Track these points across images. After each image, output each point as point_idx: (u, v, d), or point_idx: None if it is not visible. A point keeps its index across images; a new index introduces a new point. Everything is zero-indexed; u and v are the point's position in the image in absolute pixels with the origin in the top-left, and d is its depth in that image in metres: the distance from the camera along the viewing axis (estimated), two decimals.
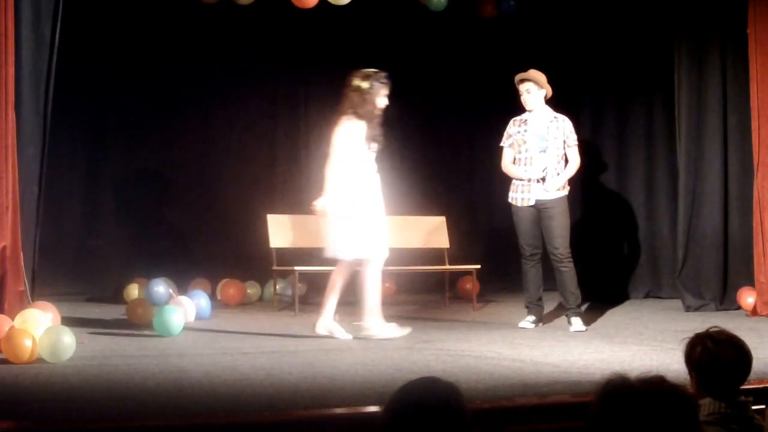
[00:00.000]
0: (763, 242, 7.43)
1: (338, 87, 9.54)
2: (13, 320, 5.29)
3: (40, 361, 4.99)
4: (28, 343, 4.97)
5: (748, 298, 7.56)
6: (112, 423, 3.78)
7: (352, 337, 6.11)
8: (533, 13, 9.19)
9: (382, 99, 6.24)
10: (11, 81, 5.75)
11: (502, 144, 7.01)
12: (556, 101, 7.01)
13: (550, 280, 7.02)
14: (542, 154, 6.81)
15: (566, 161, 6.86)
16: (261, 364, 5.03)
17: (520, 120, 6.94)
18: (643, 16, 8.67)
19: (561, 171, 6.82)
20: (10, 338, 5.01)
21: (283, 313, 7.75)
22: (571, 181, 7.00)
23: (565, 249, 6.73)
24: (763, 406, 3.74)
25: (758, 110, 7.47)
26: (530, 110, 6.87)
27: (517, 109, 7.00)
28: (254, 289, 8.62)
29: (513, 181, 6.92)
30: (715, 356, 2.91)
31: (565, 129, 6.87)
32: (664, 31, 8.32)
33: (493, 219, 9.42)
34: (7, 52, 5.73)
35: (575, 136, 6.90)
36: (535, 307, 6.90)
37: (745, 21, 7.54)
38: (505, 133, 6.98)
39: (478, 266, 8.29)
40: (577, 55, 9.28)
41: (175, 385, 4.47)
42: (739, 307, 7.68)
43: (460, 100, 9.63)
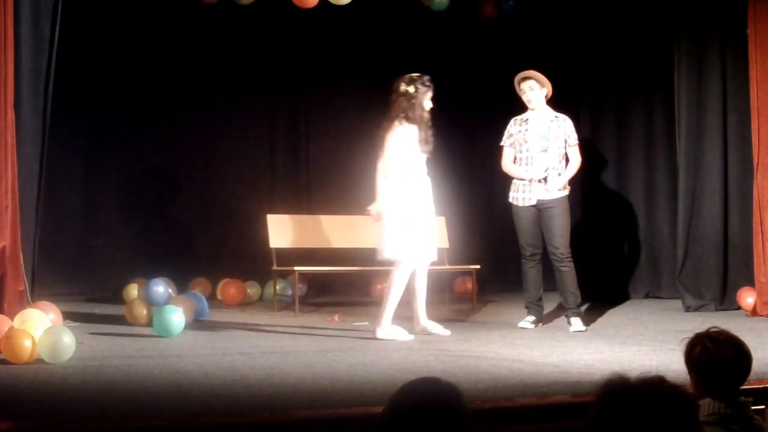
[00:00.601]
0: (763, 242, 7.43)
1: (338, 87, 9.56)
2: (12, 320, 5.29)
3: (40, 361, 4.98)
4: (28, 344, 4.96)
5: (748, 298, 7.55)
6: (111, 423, 3.78)
7: (413, 338, 6.15)
8: (533, 13, 9.19)
9: (428, 102, 6.36)
10: (11, 80, 5.75)
11: (502, 143, 7.00)
12: (556, 101, 7.01)
13: (550, 280, 7.01)
14: (543, 153, 6.80)
15: (567, 161, 6.87)
16: (260, 365, 5.03)
17: (521, 119, 6.93)
18: (643, 16, 8.67)
19: (562, 171, 6.81)
20: (9, 338, 5.00)
21: (283, 313, 7.73)
22: (571, 181, 6.99)
23: (565, 249, 6.73)
24: (763, 406, 3.75)
25: (758, 110, 7.47)
26: (533, 108, 6.86)
27: (517, 109, 7.00)
28: (254, 289, 8.61)
29: (513, 181, 6.91)
30: (715, 356, 2.91)
31: (566, 128, 6.86)
32: (663, 30, 8.31)
33: (493, 219, 9.40)
34: (6, 51, 5.73)
35: (576, 136, 6.90)
36: (534, 307, 6.89)
37: (745, 21, 7.54)
38: (506, 132, 6.97)
39: (478, 266, 8.29)
40: (577, 55, 9.27)
41: (175, 385, 4.46)
42: (739, 307, 7.67)
43: (460, 100, 9.61)
